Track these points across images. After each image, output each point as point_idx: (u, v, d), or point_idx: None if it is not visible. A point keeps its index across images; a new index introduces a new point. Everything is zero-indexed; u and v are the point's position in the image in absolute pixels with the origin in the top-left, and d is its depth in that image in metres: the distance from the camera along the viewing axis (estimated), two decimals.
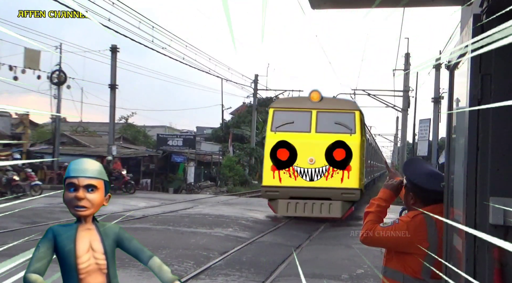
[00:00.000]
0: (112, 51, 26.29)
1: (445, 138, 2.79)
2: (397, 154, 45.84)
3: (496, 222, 1.97)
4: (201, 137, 43.81)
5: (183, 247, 9.65)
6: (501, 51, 1.99)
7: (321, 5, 2.70)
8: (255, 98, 37.05)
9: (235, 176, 32.38)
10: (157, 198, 20.86)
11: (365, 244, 2.83)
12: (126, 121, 46.17)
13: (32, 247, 2.23)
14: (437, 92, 25.22)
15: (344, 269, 8.37)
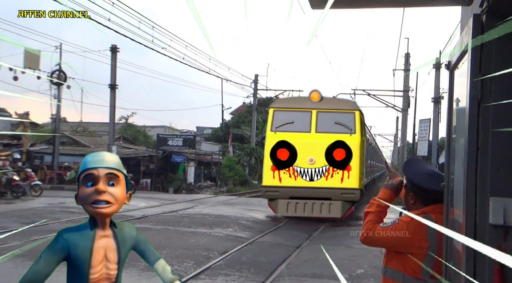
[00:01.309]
0: (112, 51, 26.31)
1: (445, 138, 2.79)
2: (397, 154, 45.83)
3: (496, 222, 1.97)
4: (201, 137, 43.85)
5: (183, 247, 9.65)
6: (501, 51, 1.99)
7: (321, 5, 2.70)
8: (255, 98, 37.04)
9: (235, 176, 32.39)
10: (157, 198, 20.86)
11: (365, 244, 2.82)
12: (126, 121, 46.20)
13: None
14: (437, 92, 25.21)
15: (344, 269, 8.36)
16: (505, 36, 1.97)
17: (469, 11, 2.47)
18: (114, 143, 27.11)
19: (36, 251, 6.22)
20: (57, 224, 11.80)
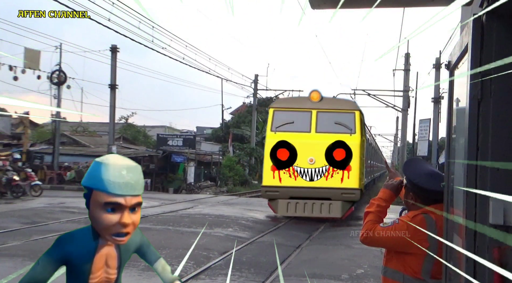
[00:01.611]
0: (112, 51, 26.31)
1: (445, 138, 2.79)
2: (397, 154, 45.85)
3: (496, 222, 1.97)
4: (201, 137, 43.88)
5: (183, 247, 9.65)
6: (501, 51, 1.99)
7: (321, 5, 2.70)
8: (255, 98, 37.04)
9: (235, 176, 32.39)
10: (157, 198, 20.85)
11: (365, 244, 2.83)
12: (126, 121, 46.21)
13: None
14: (437, 92, 25.21)
15: (344, 269, 8.37)
16: (505, 36, 1.97)
17: (469, 11, 2.47)
18: (114, 143, 27.12)
19: (35, 250, 6.24)
20: (57, 224, 11.81)
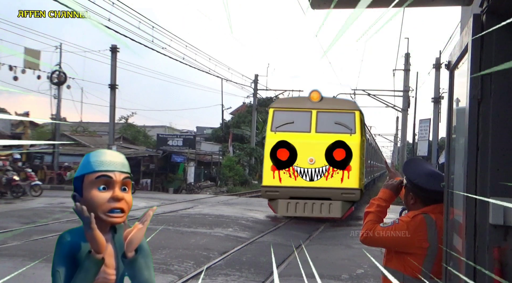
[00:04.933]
0: (112, 51, 26.31)
1: (445, 138, 2.79)
2: (397, 154, 45.84)
3: (496, 222, 1.97)
4: (201, 137, 43.86)
5: (183, 247, 9.65)
6: (501, 51, 1.99)
7: (321, 5, 2.69)
8: (255, 98, 37.04)
9: (235, 176, 32.38)
10: (157, 198, 20.85)
11: (365, 244, 2.83)
12: (126, 121, 46.17)
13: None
14: (437, 92, 25.21)
15: (344, 269, 8.37)
16: (505, 36, 1.97)
17: (469, 11, 2.47)
18: (114, 143, 27.13)
19: (35, 250, 6.25)
20: (57, 224, 11.80)
